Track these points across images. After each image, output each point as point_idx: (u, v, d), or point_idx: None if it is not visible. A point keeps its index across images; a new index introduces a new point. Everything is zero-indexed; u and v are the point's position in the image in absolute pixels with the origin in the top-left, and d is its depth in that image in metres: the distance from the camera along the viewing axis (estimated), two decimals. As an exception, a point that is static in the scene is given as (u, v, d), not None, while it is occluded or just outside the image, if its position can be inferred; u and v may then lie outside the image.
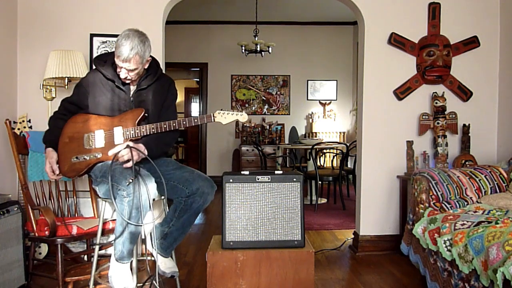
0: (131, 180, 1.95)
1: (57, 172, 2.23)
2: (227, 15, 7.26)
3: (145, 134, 2.19)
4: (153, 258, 2.30)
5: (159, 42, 3.28)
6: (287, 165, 7.11)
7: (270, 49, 6.39)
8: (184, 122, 2.19)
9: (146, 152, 2.12)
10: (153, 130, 2.19)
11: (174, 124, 2.18)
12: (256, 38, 6.28)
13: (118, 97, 2.23)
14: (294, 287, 2.15)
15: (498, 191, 2.75)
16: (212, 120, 2.21)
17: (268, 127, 7.58)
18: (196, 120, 2.20)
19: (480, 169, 2.84)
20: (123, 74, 2.16)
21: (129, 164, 2.03)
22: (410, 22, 3.44)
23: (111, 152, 2.09)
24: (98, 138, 2.20)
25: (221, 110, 2.22)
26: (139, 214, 2.01)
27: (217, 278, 2.14)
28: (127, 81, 2.21)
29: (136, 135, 2.19)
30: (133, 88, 2.27)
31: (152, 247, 2.24)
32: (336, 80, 7.79)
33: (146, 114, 2.24)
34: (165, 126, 2.18)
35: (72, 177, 2.25)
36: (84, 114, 2.25)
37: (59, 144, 2.24)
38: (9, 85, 3.19)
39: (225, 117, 2.21)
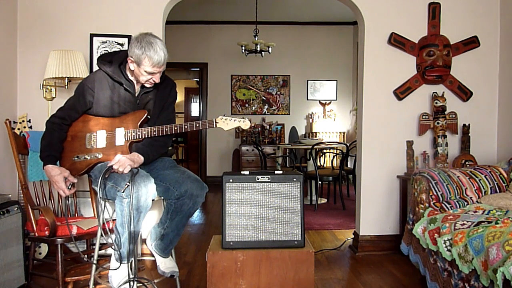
0: (128, 184, 1.95)
1: (71, 180, 2.16)
2: (227, 15, 7.26)
3: (146, 136, 2.19)
4: (153, 258, 2.30)
5: (159, 42, 3.27)
6: (287, 165, 7.11)
7: (270, 49, 6.39)
8: (186, 127, 2.19)
9: (141, 160, 2.13)
10: (155, 133, 2.18)
11: (175, 128, 2.18)
12: (256, 38, 6.28)
13: (124, 99, 2.22)
14: (294, 287, 2.15)
15: (498, 191, 2.75)
16: (214, 126, 2.21)
17: (268, 127, 7.58)
18: (198, 125, 2.20)
19: (480, 169, 2.84)
20: (150, 80, 2.16)
21: (126, 170, 2.03)
22: (410, 22, 3.44)
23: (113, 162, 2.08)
24: (100, 139, 2.20)
25: (224, 115, 2.22)
26: (139, 215, 2.01)
27: (217, 278, 2.14)
28: (149, 85, 2.21)
29: (138, 137, 2.18)
30: (138, 89, 2.27)
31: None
32: (336, 80, 7.79)
33: (148, 116, 2.24)
34: (166, 129, 2.18)
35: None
36: (87, 114, 2.25)
37: None
38: (9, 85, 3.19)
39: (227, 123, 2.21)
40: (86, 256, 2.83)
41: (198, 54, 7.62)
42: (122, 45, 3.28)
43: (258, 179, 2.21)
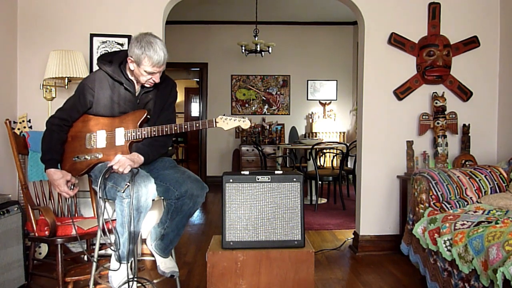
0: (128, 184, 1.95)
1: (73, 182, 2.18)
2: (227, 15, 7.25)
3: (146, 136, 2.19)
4: (153, 258, 2.30)
5: (159, 42, 3.27)
6: (287, 165, 7.11)
7: (270, 49, 6.39)
8: (186, 126, 2.19)
9: (141, 160, 2.13)
10: (155, 133, 2.18)
11: (175, 128, 2.18)
12: (256, 38, 6.28)
13: (125, 99, 2.22)
14: (294, 287, 2.14)
15: (498, 191, 2.75)
16: (214, 125, 2.20)
17: (268, 127, 7.58)
18: (198, 125, 2.20)
19: (480, 169, 2.84)
20: (150, 80, 2.16)
21: (126, 170, 2.03)
22: (410, 22, 3.44)
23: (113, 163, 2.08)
24: (100, 139, 2.20)
25: (224, 115, 2.22)
26: (139, 215, 2.01)
27: (217, 278, 2.14)
28: (149, 85, 2.21)
29: (138, 137, 2.18)
30: (138, 89, 2.27)
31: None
32: (336, 80, 7.79)
33: (148, 116, 2.24)
34: (166, 129, 2.18)
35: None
36: (87, 114, 2.25)
37: None
38: (9, 85, 3.19)
39: (227, 123, 2.21)
40: (87, 255, 2.84)
41: (198, 54, 7.62)
42: (122, 45, 3.28)
43: (258, 179, 2.21)
